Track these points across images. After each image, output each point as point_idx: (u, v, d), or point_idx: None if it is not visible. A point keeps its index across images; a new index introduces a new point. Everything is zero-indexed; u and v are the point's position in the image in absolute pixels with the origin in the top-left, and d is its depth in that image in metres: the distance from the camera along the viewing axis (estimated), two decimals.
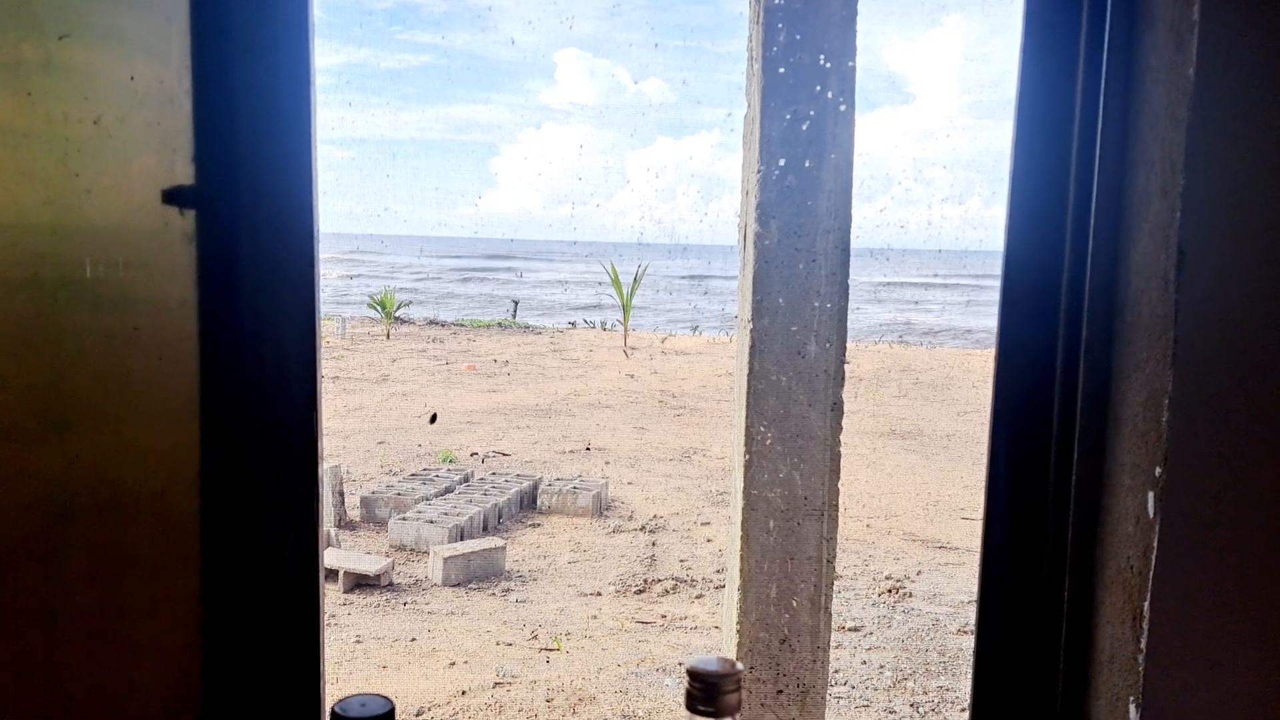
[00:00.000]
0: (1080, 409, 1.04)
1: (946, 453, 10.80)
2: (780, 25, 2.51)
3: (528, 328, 22.59)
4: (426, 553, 7.01)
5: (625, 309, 19.42)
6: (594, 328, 23.57)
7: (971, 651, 1.11)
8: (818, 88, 2.54)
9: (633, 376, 15.34)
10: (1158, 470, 0.96)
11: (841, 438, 2.92)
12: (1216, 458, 0.95)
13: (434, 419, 8.32)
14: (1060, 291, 1.06)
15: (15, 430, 0.95)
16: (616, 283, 19.98)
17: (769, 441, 2.80)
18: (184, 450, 1.00)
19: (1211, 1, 0.91)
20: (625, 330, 19.40)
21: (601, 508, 8.20)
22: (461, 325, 22.89)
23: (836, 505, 2.88)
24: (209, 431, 1.01)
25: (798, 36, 2.51)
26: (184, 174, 0.97)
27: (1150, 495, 0.98)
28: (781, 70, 2.51)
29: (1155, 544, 0.97)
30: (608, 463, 9.75)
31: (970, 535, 8.17)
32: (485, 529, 7.68)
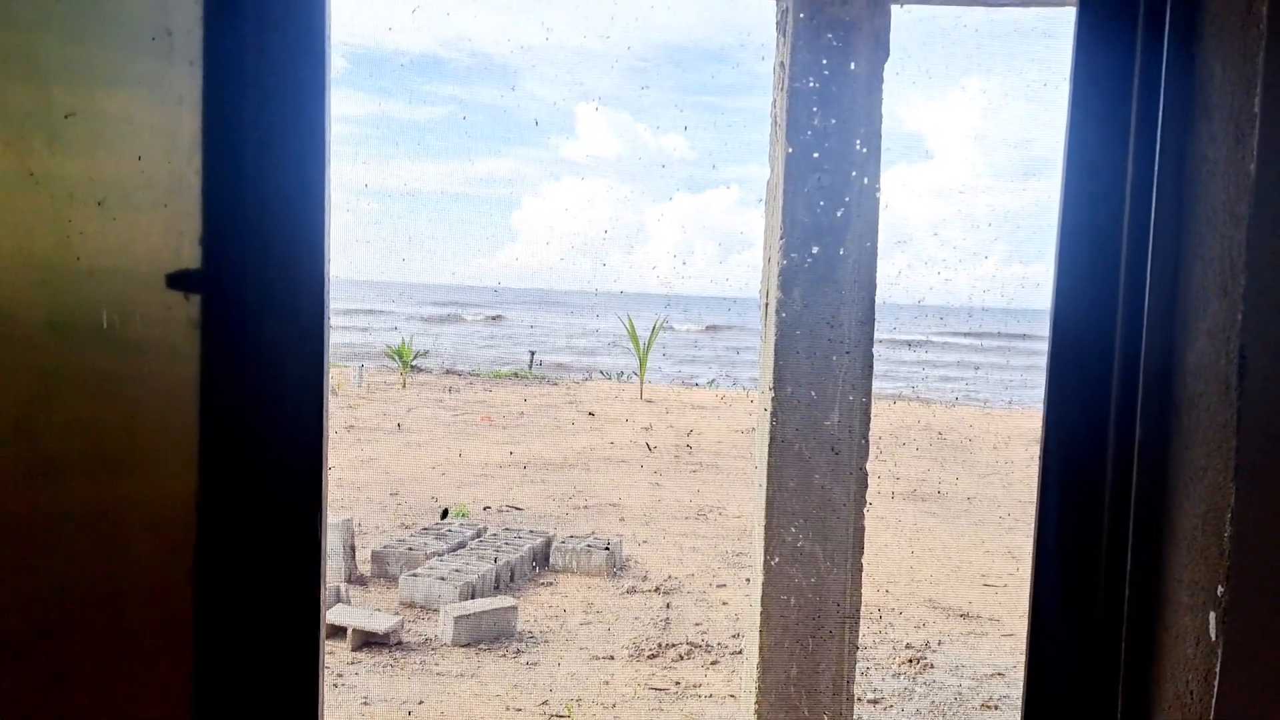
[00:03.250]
0: (1134, 518, 0.98)
1: (968, 515, 10.63)
2: (815, 109, 2.48)
3: (544, 379, 22.57)
4: (437, 610, 6.90)
5: (641, 362, 19.40)
6: (610, 379, 23.53)
7: None
8: (854, 173, 2.51)
9: (649, 430, 15.25)
10: (1220, 589, 0.89)
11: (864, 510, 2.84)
12: None
13: (445, 514, 8.24)
14: (1111, 391, 1.00)
15: (11, 521, 0.91)
16: (634, 336, 19.98)
17: (790, 514, 2.72)
18: (179, 549, 0.95)
19: (1274, 94, 0.86)
20: (641, 383, 19.35)
21: (615, 567, 8.08)
22: (477, 375, 22.90)
23: (860, 583, 2.79)
24: (206, 526, 0.96)
25: (833, 121, 2.48)
26: (190, 257, 0.93)
27: (1212, 616, 0.90)
28: (816, 155, 2.48)
29: (1218, 669, 0.90)
30: (622, 519, 9.64)
31: (993, 603, 7.99)
32: (497, 587, 7.57)
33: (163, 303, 0.92)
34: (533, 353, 29.90)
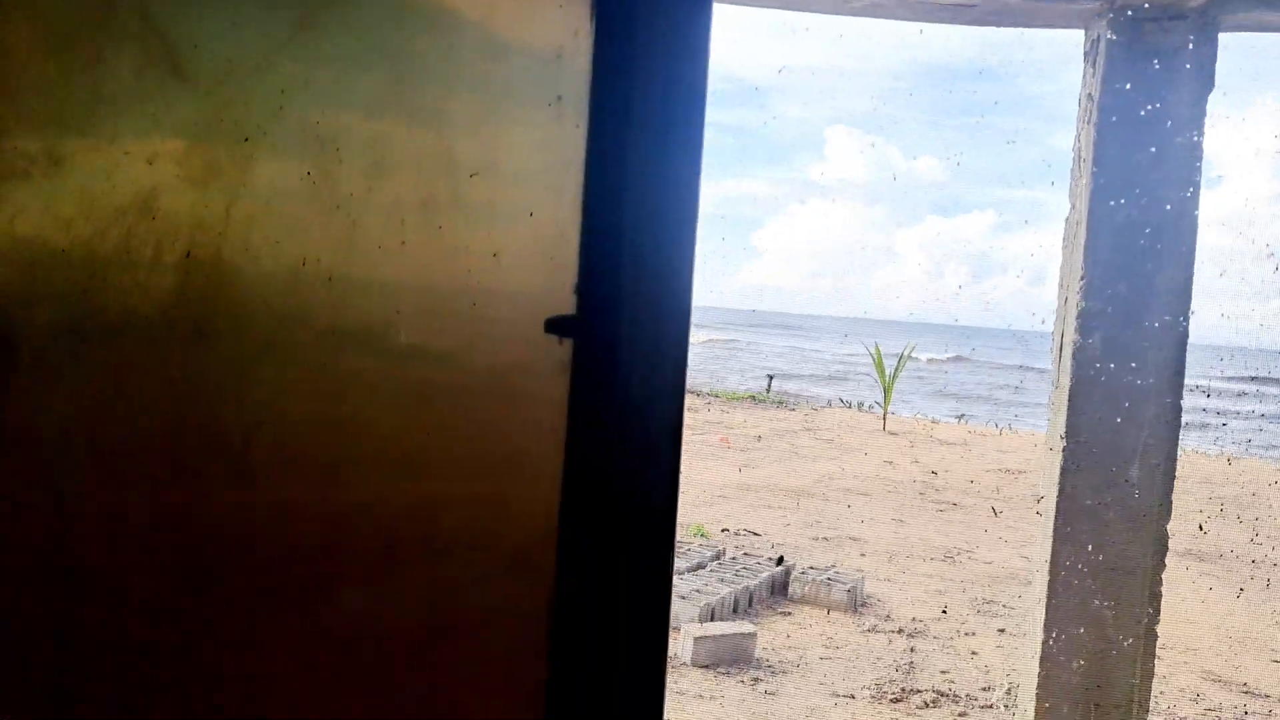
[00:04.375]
0: None
1: (1254, 581, 9.55)
2: (1126, 143, 2.32)
3: (781, 403, 22.45)
4: (677, 629, 7.00)
5: (886, 391, 18.86)
6: (850, 407, 23.05)
7: None
8: (1168, 208, 2.33)
9: (891, 463, 14.80)
10: None
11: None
12: None
13: (780, 561, 8.35)
14: None
15: (394, 543, 1.01)
16: (879, 365, 19.47)
17: (1079, 573, 2.54)
18: (540, 577, 1.02)
19: None
20: (885, 414, 18.81)
21: (856, 603, 7.88)
22: (715, 396, 23.12)
23: (1153, 652, 2.56)
24: (565, 555, 1.02)
25: (1145, 155, 2.31)
26: (566, 304, 1.00)
27: None
28: (1126, 190, 2.32)
29: None
30: (863, 555, 9.39)
31: None
32: (735, 610, 7.59)
33: (540, 346, 0.99)
34: (770, 376, 29.80)
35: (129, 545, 1.08)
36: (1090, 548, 2.56)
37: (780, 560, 8.53)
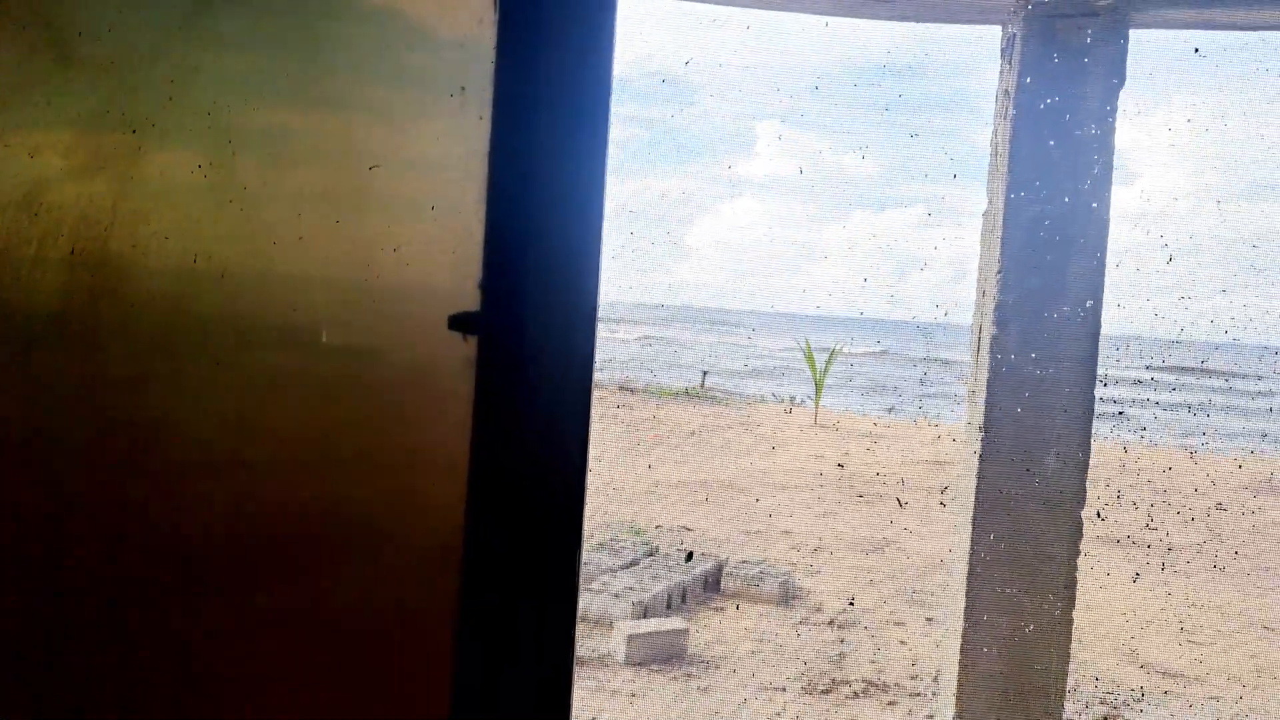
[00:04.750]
0: None
1: (1168, 566, 9.90)
2: (1041, 139, 2.37)
3: (715, 399, 22.59)
4: (610, 626, 7.00)
5: (818, 387, 19.10)
6: (782, 402, 23.30)
7: None
8: (1079, 204, 2.38)
9: (821, 457, 15.00)
10: None
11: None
12: None
13: (690, 557, 8.34)
14: None
15: (293, 539, 0.98)
16: (810, 360, 19.71)
17: (997, 561, 2.60)
18: (446, 572, 0.99)
19: None
20: (817, 409, 19.05)
21: (787, 596, 7.97)
22: (650, 392, 23.17)
23: (1070, 637, 2.63)
24: (471, 551, 1.00)
25: (1060, 151, 2.37)
26: (471, 300, 0.97)
27: None
28: (1040, 185, 2.37)
29: None
30: (795, 548, 9.50)
31: (1198, 662, 7.40)
32: (669, 607, 7.61)
33: (445, 343, 0.97)
34: (704, 372, 29.96)
35: (20, 546, 1.03)
36: (1007, 536, 2.62)
37: (690, 556, 8.57)
